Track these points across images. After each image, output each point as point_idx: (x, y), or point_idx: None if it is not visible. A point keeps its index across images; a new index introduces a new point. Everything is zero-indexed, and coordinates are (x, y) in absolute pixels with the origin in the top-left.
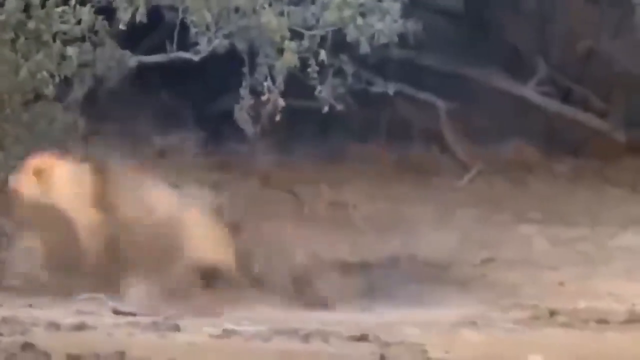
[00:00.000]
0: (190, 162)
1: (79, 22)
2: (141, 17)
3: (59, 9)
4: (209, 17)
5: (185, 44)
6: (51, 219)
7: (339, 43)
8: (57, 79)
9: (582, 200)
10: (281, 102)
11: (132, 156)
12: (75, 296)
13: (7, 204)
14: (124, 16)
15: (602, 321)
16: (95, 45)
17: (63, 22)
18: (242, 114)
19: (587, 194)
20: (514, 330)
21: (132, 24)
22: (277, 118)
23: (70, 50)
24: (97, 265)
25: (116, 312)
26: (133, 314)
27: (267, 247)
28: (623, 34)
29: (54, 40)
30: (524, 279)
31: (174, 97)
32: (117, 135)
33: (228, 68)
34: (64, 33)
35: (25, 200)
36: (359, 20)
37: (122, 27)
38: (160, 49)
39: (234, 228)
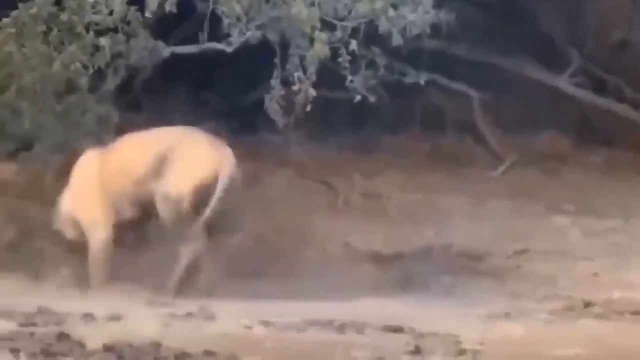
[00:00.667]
0: None
1: (111, 13)
2: (170, 6)
3: (91, 0)
4: (238, 8)
5: (218, 34)
6: None
7: (371, 34)
8: (90, 70)
9: (616, 191)
10: (312, 93)
11: None
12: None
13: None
14: (151, 5)
15: (637, 312)
16: (128, 36)
17: (95, 13)
18: (272, 105)
19: (621, 185)
20: (548, 321)
21: (164, 14)
22: (308, 108)
23: (103, 41)
24: None
25: (151, 303)
26: (168, 304)
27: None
28: None
29: (87, 32)
30: (558, 270)
31: (206, 87)
32: (149, 126)
33: (260, 59)
34: (97, 24)
35: None
36: (391, 12)
37: (148, 14)
38: (193, 39)
39: None
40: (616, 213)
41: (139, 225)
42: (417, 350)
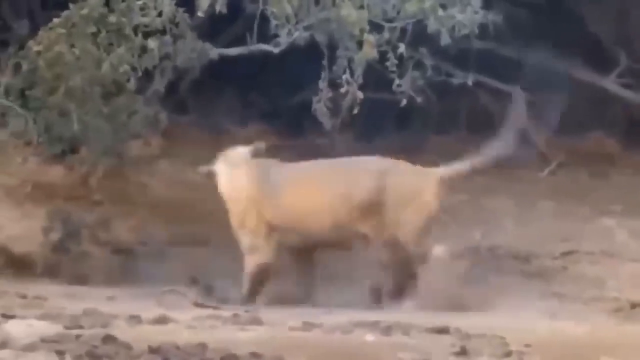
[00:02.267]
0: (269, 154)
1: (159, 15)
2: (221, 7)
3: (140, 2)
4: (289, 9)
5: (265, 36)
6: None
7: (417, 34)
8: (138, 72)
9: None
10: (360, 95)
11: (212, 148)
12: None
13: None
14: (203, 4)
15: None
16: (175, 38)
17: (144, 15)
18: (320, 107)
19: None
20: (595, 323)
21: (212, 15)
22: (355, 111)
23: (152, 43)
24: None
25: (197, 305)
26: (215, 307)
27: None
28: None
29: (136, 34)
30: (605, 271)
31: (253, 89)
32: (197, 127)
33: (307, 60)
34: (145, 26)
35: None
36: (440, 12)
37: (200, 14)
38: (240, 41)
39: None
40: None
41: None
42: (463, 352)
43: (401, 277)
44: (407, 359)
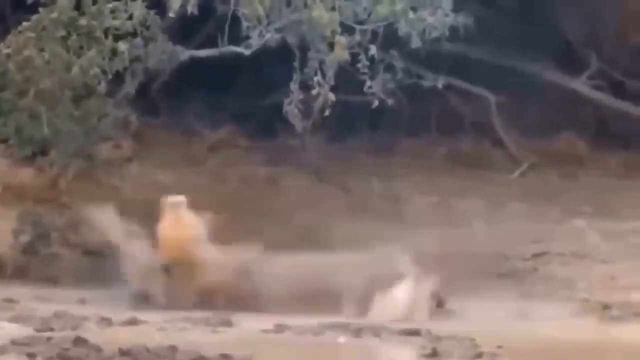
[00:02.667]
0: (240, 156)
1: (130, 17)
2: (192, 8)
3: (111, 5)
4: (261, 10)
5: (236, 37)
6: None
7: (388, 37)
8: (109, 75)
9: (633, 193)
10: (332, 97)
11: (183, 150)
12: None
13: None
14: (174, 5)
15: None
16: (146, 40)
17: (114, 18)
18: (291, 108)
19: (638, 187)
20: (566, 323)
21: (183, 17)
22: (327, 112)
23: (122, 46)
24: None
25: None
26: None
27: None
28: None
29: (106, 36)
30: (576, 272)
31: (224, 91)
32: (167, 130)
33: (278, 62)
34: (116, 29)
35: None
36: (411, 14)
37: (171, 14)
38: (210, 43)
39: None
40: (634, 215)
41: None
42: (434, 354)
43: None
44: None
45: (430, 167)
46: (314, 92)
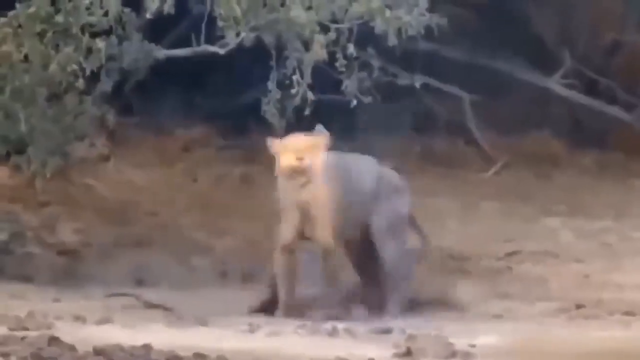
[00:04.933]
0: (214, 155)
1: (106, 14)
2: (169, 8)
3: (87, 1)
4: (238, 11)
5: (212, 36)
6: None
7: (364, 36)
8: (86, 72)
9: (607, 192)
10: (310, 96)
11: (157, 150)
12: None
13: None
14: (151, 5)
15: (628, 313)
16: (121, 39)
17: (90, 14)
18: (270, 108)
19: (612, 186)
20: (540, 323)
21: (159, 16)
22: (307, 112)
23: (99, 43)
24: None
25: (148, 306)
26: (165, 308)
27: None
28: None
29: (82, 33)
30: (549, 271)
31: (199, 90)
32: (142, 129)
33: (253, 61)
34: (91, 25)
35: None
36: (387, 13)
37: (149, 16)
38: (186, 42)
39: None
40: (607, 214)
41: None
42: (407, 352)
43: None
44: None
45: (404, 165)
46: (293, 91)
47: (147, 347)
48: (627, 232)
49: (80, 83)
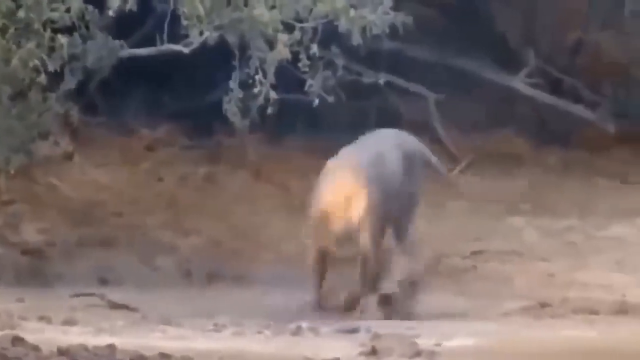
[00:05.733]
0: (179, 155)
1: (68, 10)
2: (131, 5)
3: None
4: (201, 10)
5: (176, 35)
6: None
7: (328, 35)
8: (48, 68)
9: (572, 191)
10: (273, 96)
11: (121, 149)
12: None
13: None
14: (113, 3)
15: (593, 312)
16: (85, 38)
17: (52, 10)
18: (231, 107)
19: (577, 185)
20: (504, 322)
21: (122, 14)
22: (269, 111)
23: (62, 39)
24: None
25: (113, 306)
26: (130, 308)
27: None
28: (612, 24)
29: (44, 29)
30: (514, 270)
31: (162, 89)
32: (106, 128)
33: (218, 60)
34: (53, 22)
35: None
36: (352, 12)
37: (111, 14)
38: (150, 40)
39: None
40: (572, 213)
41: None
42: (373, 352)
43: None
44: (317, 359)
45: None
46: (255, 90)
47: (111, 347)
48: (592, 231)
49: (43, 78)
